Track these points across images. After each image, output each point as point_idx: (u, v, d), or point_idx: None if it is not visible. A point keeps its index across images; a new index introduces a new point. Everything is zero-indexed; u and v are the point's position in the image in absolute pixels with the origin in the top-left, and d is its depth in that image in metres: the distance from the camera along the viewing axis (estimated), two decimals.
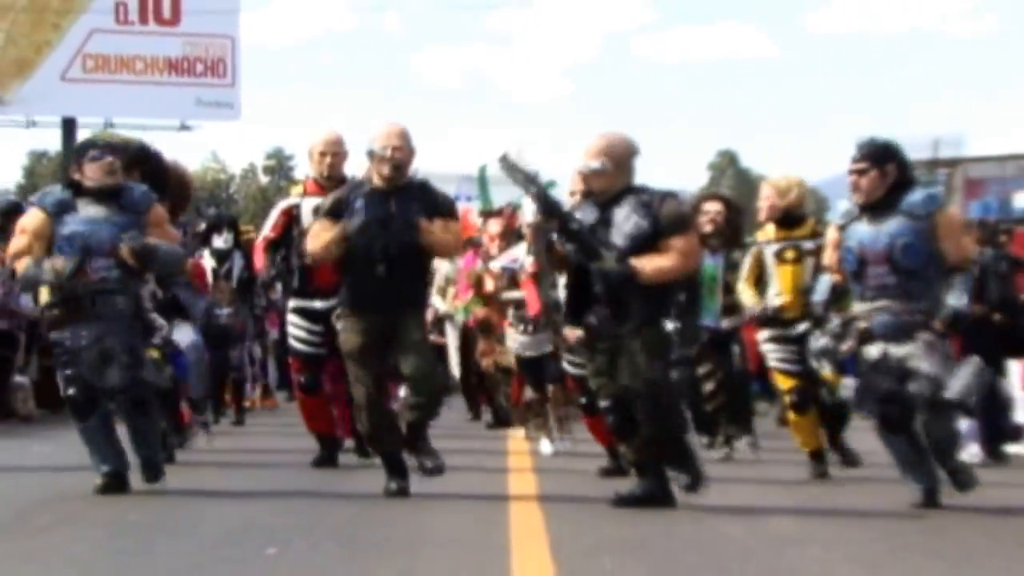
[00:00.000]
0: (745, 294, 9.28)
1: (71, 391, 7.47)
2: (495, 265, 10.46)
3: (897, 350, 7.30)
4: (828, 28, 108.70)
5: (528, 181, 7.25)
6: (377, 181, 7.64)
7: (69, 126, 27.23)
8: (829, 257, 7.75)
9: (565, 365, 9.24)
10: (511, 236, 10.78)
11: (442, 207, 7.76)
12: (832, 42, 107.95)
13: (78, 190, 7.56)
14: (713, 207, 10.10)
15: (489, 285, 10.79)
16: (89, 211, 7.52)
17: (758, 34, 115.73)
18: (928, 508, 7.32)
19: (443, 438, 11.77)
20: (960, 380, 7.22)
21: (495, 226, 11.14)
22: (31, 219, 7.68)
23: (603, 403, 7.34)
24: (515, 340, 10.17)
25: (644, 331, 7.16)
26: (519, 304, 9.95)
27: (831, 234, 7.78)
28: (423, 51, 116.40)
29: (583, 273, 7.23)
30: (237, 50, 27.37)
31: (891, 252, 7.33)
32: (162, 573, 5.37)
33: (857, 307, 7.48)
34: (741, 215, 10.29)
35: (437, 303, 13.33)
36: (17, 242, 7.70)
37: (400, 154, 7.58)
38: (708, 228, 9.90)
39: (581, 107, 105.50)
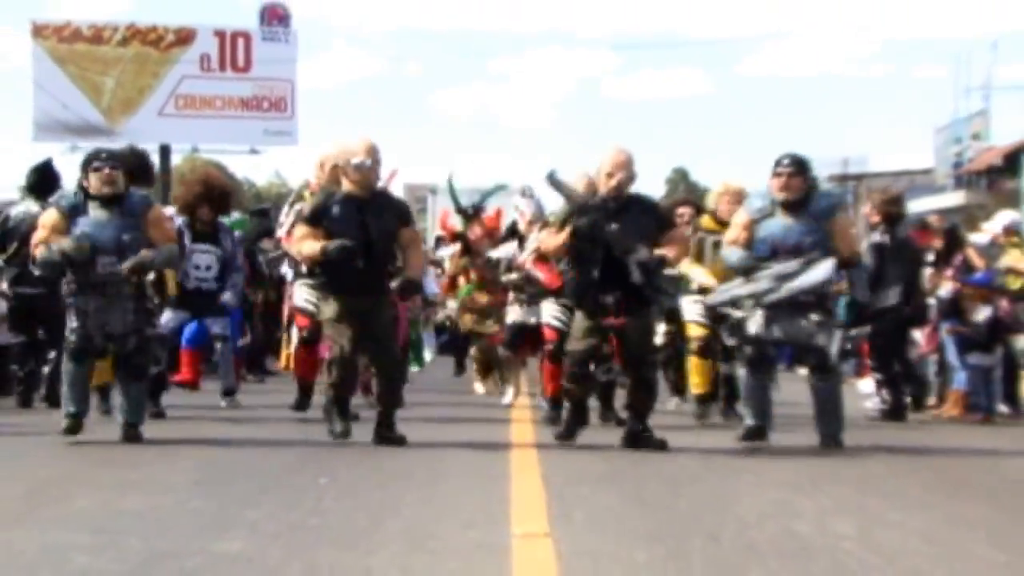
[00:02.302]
0: (696, 271, 9.11)
1: (74, 338, 7.16)
2: (495, 254, 10.37)
3: (790, 321, 7.32)
4: (757, 72, 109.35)
5: (567, 193, 7.47)
6: (351, 189, 7.26)
7: (165, 151, 27.68)
8: (738, 235, 7.59)
9: (552, 320, 8.92)
10: (495, 234, 10.95)
11: (406, 215, 7.54)
12: (760, 83, 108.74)
13: (88, 195, 7.26)
14: (685, 210, 10.00)
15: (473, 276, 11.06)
16: (97, 214, 7.22)
17: (704, 76, 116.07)
18: (757, 443, 7.28)
19: (454, 394, 11.84)
20: (836, 347, 7.34)
21: (479, 228, 11.19)
22: (49, 217, 7.33)
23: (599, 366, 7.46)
24: (516, 313, 10.02)
25: (649, 310, 7.38)
26: (517, 285, 9.83)
27: (742, 217, 7.67)
28: (438, 90, 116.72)
29: (586, 260, 7.21)
30: (295, 91, 27.73)
31: (800, 246, 7.34)
32: (239, 495, 5.38)
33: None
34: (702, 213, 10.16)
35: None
36: (37, 235, 7.34)
37: (374, 172, 7.28)
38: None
39: (565, 135, 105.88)
